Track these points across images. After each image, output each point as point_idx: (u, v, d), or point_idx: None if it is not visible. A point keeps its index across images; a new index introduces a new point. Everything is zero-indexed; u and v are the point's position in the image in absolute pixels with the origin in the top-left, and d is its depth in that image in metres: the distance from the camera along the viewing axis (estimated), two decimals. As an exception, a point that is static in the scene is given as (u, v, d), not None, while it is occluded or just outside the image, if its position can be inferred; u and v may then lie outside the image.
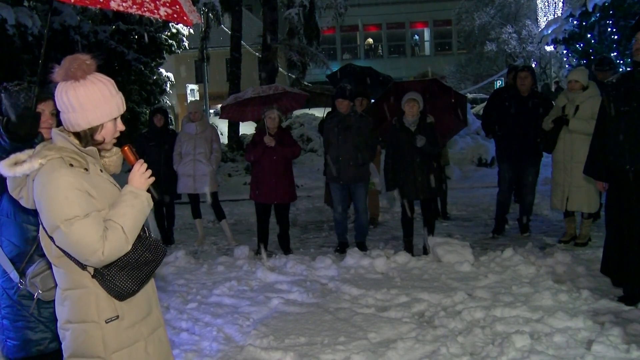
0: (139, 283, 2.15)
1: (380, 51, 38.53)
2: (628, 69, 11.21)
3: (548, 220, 7.72)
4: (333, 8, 18.47)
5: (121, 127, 2.25)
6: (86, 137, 2.16)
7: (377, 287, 5.13)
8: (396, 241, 6.88)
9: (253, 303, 4.91)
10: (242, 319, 4.51)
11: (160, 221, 7.61)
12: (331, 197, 7.04)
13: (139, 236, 2.16)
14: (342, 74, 9.97)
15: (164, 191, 7.19)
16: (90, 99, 2.11)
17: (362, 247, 6.55)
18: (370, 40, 38.82)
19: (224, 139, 16.15)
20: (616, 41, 13.47)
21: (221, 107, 8.02)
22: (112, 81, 2.21)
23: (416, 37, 38.84)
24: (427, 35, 38.30)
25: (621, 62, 12.36)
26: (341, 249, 6.61)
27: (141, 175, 2.20)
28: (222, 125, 17.70)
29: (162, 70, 19.89)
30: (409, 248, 6.32)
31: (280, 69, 18.34)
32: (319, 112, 13.66)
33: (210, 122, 9.62)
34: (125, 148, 2.26)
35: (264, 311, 4.68)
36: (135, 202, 2.13)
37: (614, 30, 13.52)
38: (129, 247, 2.09)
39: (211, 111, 21.97)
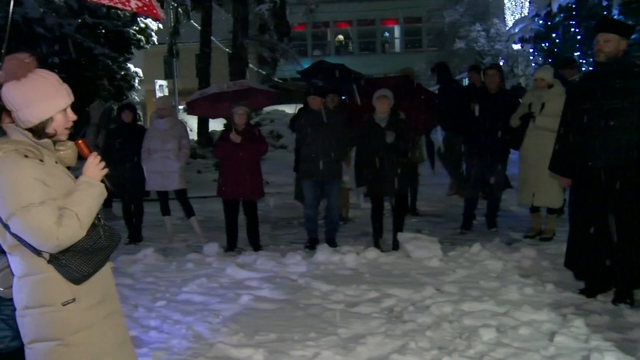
0: (94, 267, 2.25)
1: (351, 48, 38.61)
2: (590, 68, 11.50)
3: (515, 216, 7.86)
4: (304, 4, 18.47)
5: (72, 116, 2.34)
6: (38, 131, 2.25)
7: (347, 283, 5.16)
8: (366, 237, 6.92)
9: (223, 300, 4.88)
10: (212, 316, 4.48)
11: (128, 218, 7.51)
12: (302, 193, 7.05)
13: (94, 224, 2.26)
14: (314, 71, 9.97)
15: (132, 188, 7.10)
16: (34, 96, 2.20)
17: (332, 243, 6.57)
18: (341, 36, 38.87)
19: (194, 136, 16.01)
20: (579, 41, 13.79)
21: (187, 103, 7.97)
22: (55, 75, 2.29)
23: (387, 34, 39.04)
24: (397, 32, 38.50)
25: (584, 61, 12.67)
26: (311, 245, 6.62)
27: (95, 166, 2.31)
28: (192, 122, 17.53)
29: (131, 66, 19.58)
30: (379, 244, 6.36)
31: (250, 65, 18.27)
32: (290, 109, 13.66)
33: (180, 119, 9.52)
34: (80, 142, 2.37)
35: (234, 308, 4.67)
36: (90, 191, 2.24)
37: (577, 30, 13.85)
38: (84, 233, 2.19)
39: (180, 107, 21.74)
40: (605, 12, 12.63)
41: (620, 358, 3.37)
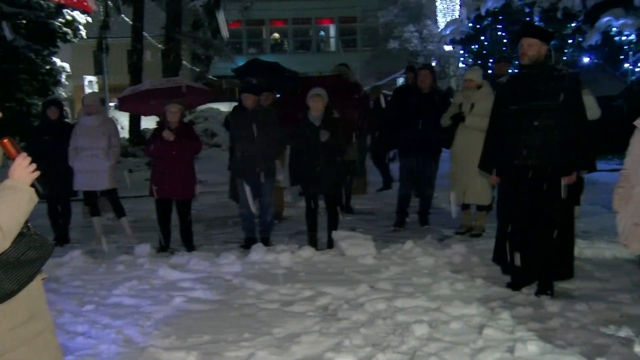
0: (19, 283, 1.99)
1: (286, 46, 38.59)
2: (516, 70, 11.99)
3: (446, 213, 8.07)
4: (239, 1, 18.28)
5: None
6: None
7: (281, 282, 5.14)
8: (301, 236, 6.93)
9: (155, 302, 4.76)
10: (143, 319, 4.35)
11: (54, 219, 7.20)
12: (236, 192, 6.98)
13: (22, 233, 2.01)
14: (249, 69, 9.88)
15: (59, 188, 6.81)
16: None
17: (267, 242, 6.54)
18: (276, 35, 38.79)
19: (125, 133, 15.54)
20: (506, 44, 14.37)
21: (118, 99, 7.75)
22: None
23: (322, 33, 39.26)
24: (332, 31, 38.81)
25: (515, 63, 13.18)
26: (247, 244, 6.56)
27: (24, 169, 2.04)
28: (123, 119, 17.01)
29: (57, 60, 18.78)
30: (313, 242, 6.38)
31: (184, 62, 17.91)
32: (224, 107, 13.51)
33: (110, 116, 9.22)
34: (5, 141, 2.08)
35: (166, 310, 4.56)
36: (15, 197, 1.98)
37: (504, 34, 14.43)
38: (8, 244, 1.94)
39: (111, 104, 21.05)
40: (528, 18, 13.23)
41: (540, 346, 3.53)
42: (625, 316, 4.11)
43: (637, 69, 12.88)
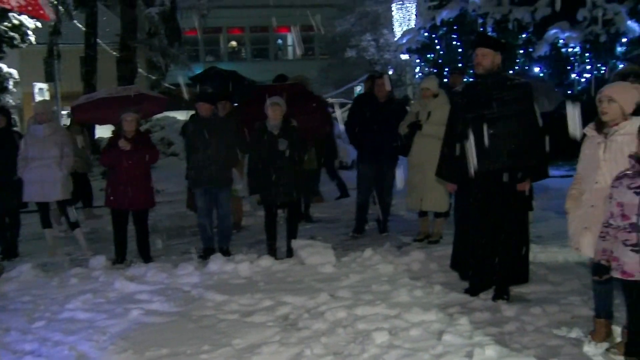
0: None
1: (244, 54, 38.44)
2: (471, 79, 12.27)
3: (404, 220, 8.15)
4: (195, 9, 18.10)
5: None
6: None
7: (241, 292, 5.08)
8: (260, 245, 6.87)
9: (110, 316, 4.63)
10: (98, 334, 4.24)
11: (2, 232, 6.95)
12: (194, 202, 6.88)
13: None
14: (206, 77, 9.82)
15: (4, 199, 6.60)
16: None
17: (226, 252, 6.46)
18: (233, 43, 38.59)
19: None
20: (460, 53, 14.68)
21: (72, 108, 7.55)
22: None
23: (280, 41, 39.28)
24: (290, 39, 38.86)
25: (470, 72, 13.48)
26: (206, 254, 6.47)
27: None
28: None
29: (3, 66, 18.16)
30: (273, 251, 6.34)
31: (140, 70, 17.62)
32: (181, 115, 13.34)
33: (63, 124, 8.98)
34: None
35: (123, 324, 4.44)
36: None
37: (459, 43, 14.75)
38: None
39: (64, 112, 20.47)
40: (481, 29, 13.58)
41: (498, 351, 3.60)
42: (576, 317, 4.23)
43: (582, 79, 13.36)
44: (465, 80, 8.26)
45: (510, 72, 9.88)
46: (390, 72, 25.53)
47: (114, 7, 22.72)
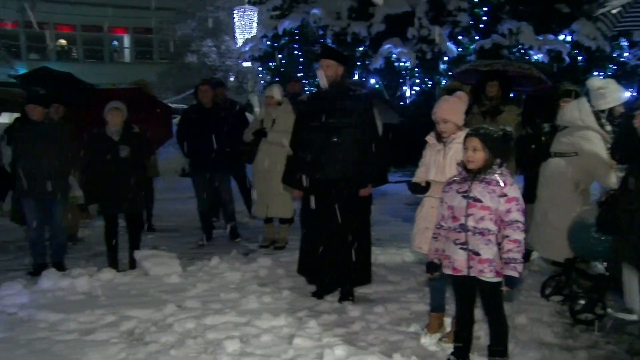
0: None
1: (75, 54, 35.89)
2: (312, 88, 12.71)
3: (249, 227, 8.17)
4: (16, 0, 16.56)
5: None
6: None
7: (79, 309, 4.72)
8: (99, 257, 6.46)
9: None
10: None
11: None
12: (21, 214, 6.28)
13: None
14: (36, 78, 9.03)
15: None
16: None
17: (60, 267, 5.97)
18: (63, 41, 35.84)
19: None
20: (302, 63, 15.14)
21: None
22: None
23: (115, 42, 37.31)
24: (127, 41, 37.11)
25: (306, 82, 13.92)
26: (36, 271, 5.91)
27: None
28: None
29: None
30: (114, 263, 6.00)
31: (-51, 65, 15.67)
32: (3, 118, 12.04)
33: None
34: None
35: None
36: None
37: (300, 52, 15.19)
38: None
39: None
40: (321, 40, 14.13)
41: (346, 350, 3.77)
42: (414, 314, 4.59)
43: (412, 92, 14.49)
44: (306, 89, 8.55)
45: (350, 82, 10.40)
46: (232, 79, 25.53)
47: None
